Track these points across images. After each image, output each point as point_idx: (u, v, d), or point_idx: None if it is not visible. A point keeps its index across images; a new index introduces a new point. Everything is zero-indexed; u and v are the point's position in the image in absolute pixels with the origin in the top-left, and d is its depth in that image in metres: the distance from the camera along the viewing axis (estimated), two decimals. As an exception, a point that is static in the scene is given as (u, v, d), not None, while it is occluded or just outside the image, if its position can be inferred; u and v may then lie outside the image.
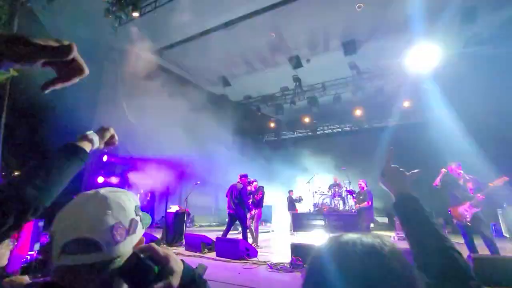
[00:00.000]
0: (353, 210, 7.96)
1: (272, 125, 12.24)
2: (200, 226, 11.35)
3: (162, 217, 8.14)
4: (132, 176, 9.35)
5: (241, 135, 12.56)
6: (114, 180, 9.23)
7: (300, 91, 10.25)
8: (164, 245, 6.12)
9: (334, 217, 7.81)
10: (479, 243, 4.35)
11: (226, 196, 6.33)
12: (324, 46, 8.53)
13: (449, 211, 4.66)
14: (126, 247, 0.61)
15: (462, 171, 4.45)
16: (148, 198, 10.19)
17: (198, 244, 5.43)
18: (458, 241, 5.18)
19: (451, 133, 9.26)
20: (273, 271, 4.15)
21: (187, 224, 10.35)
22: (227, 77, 10.55)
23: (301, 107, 11.04)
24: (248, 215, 6.39)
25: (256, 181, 6.88)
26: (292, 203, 9.19)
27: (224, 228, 6.27)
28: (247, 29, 7.99)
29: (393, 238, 7.23)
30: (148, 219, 0.76)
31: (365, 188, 6.66)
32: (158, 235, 6.66)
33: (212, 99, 10.89)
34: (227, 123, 11.28)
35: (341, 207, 8.50)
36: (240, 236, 5.91)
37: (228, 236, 5.84)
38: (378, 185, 0.99)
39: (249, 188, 6.51)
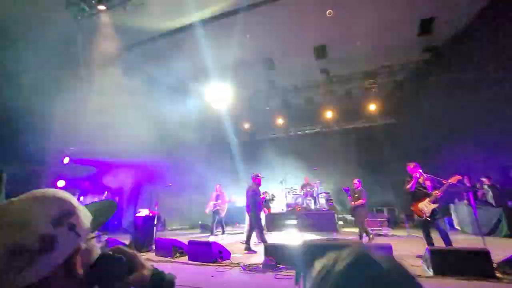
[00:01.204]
0: (324, 209, 8.23)
1: (245, 126, 12.25)
2: (172, 229, 10.99)
3: (131, 221, 7.74)
4: (97, 179, 8.79)
5: (215, 136, 12.43)
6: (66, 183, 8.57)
7: (274, 93, 10.38)
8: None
9: (306, 217, 8.01)
10: (435, 236, 4.73)
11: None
12: (296, 50, 8.73)
13: (411, 207, 5.02)
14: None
15: (420, 170, 4.80)
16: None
17: (169, 248, 5.25)
18: (418, 235, 5.59)
19: (414, 134, 9.99)
20: (246, 272, 4.14)
21: (158, 228, 9.99)
22: (200, 77, 10.38)
23: (274, 108, 11.19)
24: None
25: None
26: (265, 204, 9.24)
27: (196, 230, 6.15)
28: (220, 29, 7.94)
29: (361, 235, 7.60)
30: (101, 215, 0.66)
31: (359, 187, 6.97)
32: (127, 241, 6.32)
33: (184, 100, 10.63)
34: (200, 124, 11.09)
35: (312, 206, 8.75)
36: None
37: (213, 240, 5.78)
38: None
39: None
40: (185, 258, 5.07)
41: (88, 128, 7.40)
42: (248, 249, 5.77)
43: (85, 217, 0.61)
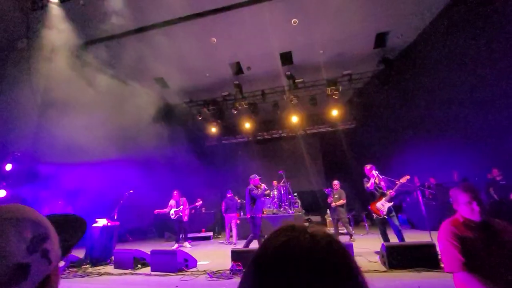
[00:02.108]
0: (290, 212, 8.41)
1: (213, 130, 12.10)
2: (134, 240, 10.34)
3: (86, 233, 7.11)
4: (48, 187, 7.95)
5: (180, 140, 12.04)
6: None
7: (241, 97, 10.42)
8: (87, 266, 5.35)
9: (271, 220, 8.11)
10: (390, 233, 5.12)
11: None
12: (264, 55, 8.90)
13: (369, 207, 5.36)
14: None
15: (376, 172, 5.18)
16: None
17: (129, 260, 4.92)
18: (376, 233, 5.97)
19: (372, 138, 10.76)
20: (213, 279, 4.05)
21: (118, 239, 9.33)
22: (165, 79, 10.04)
23: (242, 113, 11.23)
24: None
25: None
26: (238, 208, 9.21)
27: (161, 239, 5.85)
28: (187, 31, 7.80)
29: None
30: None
31: (339, 188, 7.22)
32: (81, 254, 5.78)
33: (148, 100, 10.15)
34: (164, 126, 10.68)
35: (281, 210, 8.88)
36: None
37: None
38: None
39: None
40: (147, 269, 4.80)
41: (36, 129, 6.67)
42: None
43: (57, 240, 0.54)
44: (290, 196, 8.98)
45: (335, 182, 7.29)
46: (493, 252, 1.53)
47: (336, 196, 7.09)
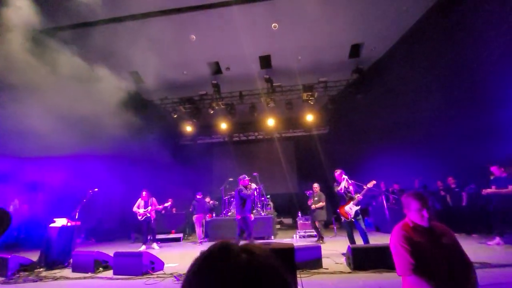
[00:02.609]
0: (262, 214, 8.45)
1: (188, 128, 11.83)
2: (98, 241, 9.73)
3: (43, 234, 6.56)
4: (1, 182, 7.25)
5: (154, 137, 11.61)
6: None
7: (218, 97, 10.32)
8: (41, 269, 4.92)
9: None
10: (357, 235, 5.34)
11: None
12: (243, 57, 8.90)
13: (338, 210, 5.56)
14: None
15: (346, 176, 5.39)
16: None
17: (90, 263, 4.61)
18: (344, 235, 6.18)
19: (343, 144, 11.19)
20: (180, 282, 3.93)
21: (80, 240, 8.75)
22: (140, 73, 9.64)
23: (218, 113, 11.12)
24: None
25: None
26: (208, 210, 9.10)
27: (128, 241, 5.54)
28: (166, 26, 7.56)
29: (294, 237, 8.09)
30: None
31: (319, 191, 7.32)
32: (35, 257, 5.30)
33: (120, 94, 9.64)
34: (137, 122, 10.22)
35: (253, 212, 8.90)
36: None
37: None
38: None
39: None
40: (110, 273, 4.53)
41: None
42: None
43: None
44: (263, 198, 9.03)
45: (315, 185, 7.47)
46: (436, 255, 1.66)
47: (316, 198, 7.28)
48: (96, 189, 6.30)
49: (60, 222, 5.62)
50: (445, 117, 7.31)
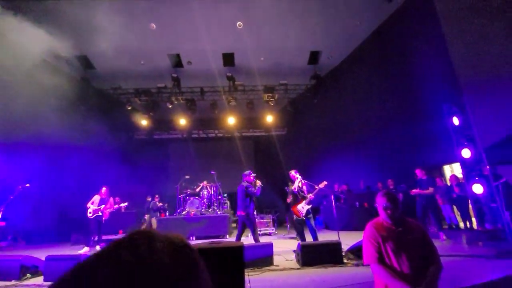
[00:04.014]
0: (218, 213, 8.38)
1: (143, 122, 11.14)
2: (29, 244, 8.58)
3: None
4: None
5: (104, 130, 10.65)
6: None
7: (178, 92, 9.92)
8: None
9: (198, 221, 7.94)
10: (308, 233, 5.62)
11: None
12: (206, 52, 8.70)
13: (291, 209, 5.77)
14: None
15: (299, 176, 5.63)
16: None
17: (15, 268, 4.04)
18: (293, 235, 6.43)
19: (300, 145, 11.67)
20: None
21: (5, 243, 7.68)
22: (90, 58, 8.77)
23: (178, 108, 10.69)
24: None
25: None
26: (156, 210, 8.72)
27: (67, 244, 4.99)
28: (123, 9, 7.00)
29: (248, 235, 8.16)
30: None
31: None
32: None
33: (66, 80, 8.63)
34: (85, 113, 9.28)
35: (209, 210, 8.76)
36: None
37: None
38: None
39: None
40: (40, 279, 4.03)
41: None
42: None
43: None
44: (219, 197, 8.95)
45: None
46: (401, 249, 1.84)
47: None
48: (27, 185, 5.55)
49: (-22, 222, 4.82)
50: (387, 124, 8.12)
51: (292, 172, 5.71)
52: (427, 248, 1.89)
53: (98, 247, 6.91)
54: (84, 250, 6.55)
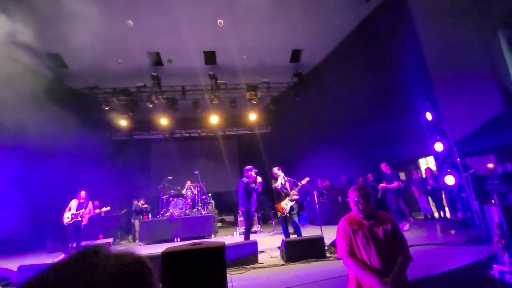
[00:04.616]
0: (203, 213, 8.31)
1: (123, 123, 10.78)
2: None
3: None
4: None
5: (80, 131, 10.21)
6: None
7: (158, 91, 9.69)
8: None
9: (184, 222, 7.84)
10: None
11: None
12: (187, 50, 8.55)
13: (275, 206, 5.82)
14: None
15: (282, 174, 5.69)
16: None
17: (-16, 281, 3.81)
18: (280, 230, 6.51)
19: (283, 143, 11.78)
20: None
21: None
22: (62, 56, 8.35)
23: (158, 107, 10.45)
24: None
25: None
26: (139, 212, 8.53)
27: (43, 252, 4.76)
28: (98, 4, 6.69)
29: (234, 234, 8.20)
30: None
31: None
32: None
33: (37, 79, 8.16)
34: (59, 114, 8.83)
35: (193, 210, 8.66)
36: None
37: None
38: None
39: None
40: (12, 291, 3.82)
41: None
42: None
43: None
44: (204, 197, 8.87)
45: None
46: (372, 242, 1.90)
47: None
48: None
49: None
50: (367, 120, 8.38)
51: (275, 169, 5.75)
52: (397, 239, 1.96)
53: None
54: (62, 258, 6.27)
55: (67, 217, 6.48)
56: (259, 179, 5.88)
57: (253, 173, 5.85)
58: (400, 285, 1.77)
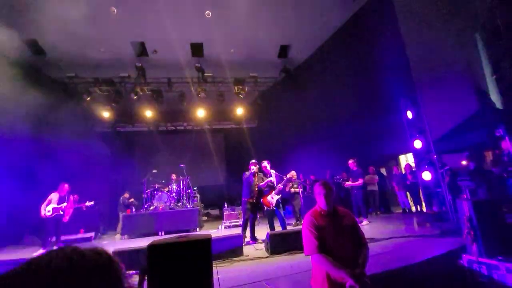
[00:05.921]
0: (188, 206, 8.27)
1: (105, 114, 10.44)
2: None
3: None
4: None
5: (59, 122, 9.77)
6: None
7: (143, 82, 9.44)
8: None
9: (169, 215, 7.77)
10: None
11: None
12: (173, 41, 8.34)
13: (261, 200, 5.89)
14: None
15: (273, 171, 5.76)
16: None
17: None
18: (266, 223, 6.60)
19: (270, 137, 11.85)
20: None
21: None
22: (40, 43, 7.91)
23: (143, 99, 10.19)
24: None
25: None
26: (125, 206, 8.36)
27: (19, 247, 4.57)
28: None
29: (219, 228, 8.24)
30: None
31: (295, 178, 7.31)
32: None
33: (11, 65, 7.70)
34: (35, 103, 8.39)
35: (178, 204, 8.59)
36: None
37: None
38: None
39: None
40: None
41: None
42: (253, 239, 5.48)
43: None
44: (189, 191, 8.81)
45: (293, 173, 7.68)
46: (335, 235, 1.97)
47: (295, 185, 7.51)
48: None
49: None
50: (351, 117, 8.59)
51: (265, 163, 5.80)
52: (357, 232, 2.06)
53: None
54: (40, 252, 6.07)
55: (47, 210, 6.24)
56: (271, 178, 5.73)
57: (253, 169, 5.74)
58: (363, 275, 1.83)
